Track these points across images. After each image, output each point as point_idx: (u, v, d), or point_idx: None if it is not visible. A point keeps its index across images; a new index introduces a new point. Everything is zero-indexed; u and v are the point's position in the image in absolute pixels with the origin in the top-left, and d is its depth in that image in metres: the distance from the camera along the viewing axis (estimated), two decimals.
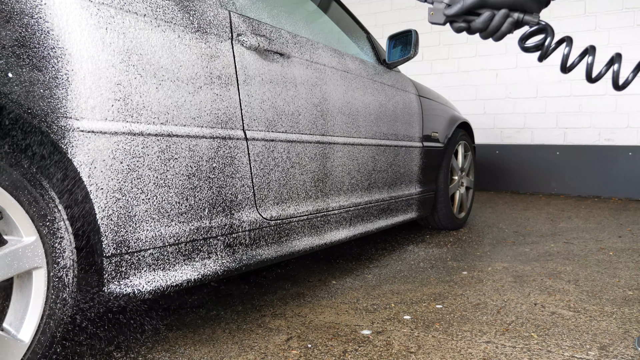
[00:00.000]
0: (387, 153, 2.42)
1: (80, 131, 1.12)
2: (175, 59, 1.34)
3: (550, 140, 5.38)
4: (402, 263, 2.43)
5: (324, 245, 1.94)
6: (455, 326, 1.60)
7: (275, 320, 1.67)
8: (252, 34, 1.60)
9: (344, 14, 2.46)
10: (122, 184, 1.21)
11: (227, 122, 1.50)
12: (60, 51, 1.08)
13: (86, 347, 1.46)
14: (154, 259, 1.29)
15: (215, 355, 1.40)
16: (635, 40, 4.94)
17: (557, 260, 2.46)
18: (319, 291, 1.99)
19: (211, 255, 1.45)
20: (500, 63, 5.58)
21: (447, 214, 3.12)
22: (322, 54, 1.98)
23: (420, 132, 2.79)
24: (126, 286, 1.22)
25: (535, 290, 1.97)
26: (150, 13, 1.30)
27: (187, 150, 1.37)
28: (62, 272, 1.10)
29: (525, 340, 1.47)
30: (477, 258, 2.52)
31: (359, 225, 2.21)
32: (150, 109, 1.27)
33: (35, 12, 1.05)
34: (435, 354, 1.39)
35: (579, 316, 1.67)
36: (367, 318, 1.68)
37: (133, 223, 1.24)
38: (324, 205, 1.95)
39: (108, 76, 1.18)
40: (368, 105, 2.25)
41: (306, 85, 1.84)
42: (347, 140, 2.09)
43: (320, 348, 1.44)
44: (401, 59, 2.55)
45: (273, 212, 1.68)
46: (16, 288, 1.05)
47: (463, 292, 1.95)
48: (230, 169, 1.51)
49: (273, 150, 1.67)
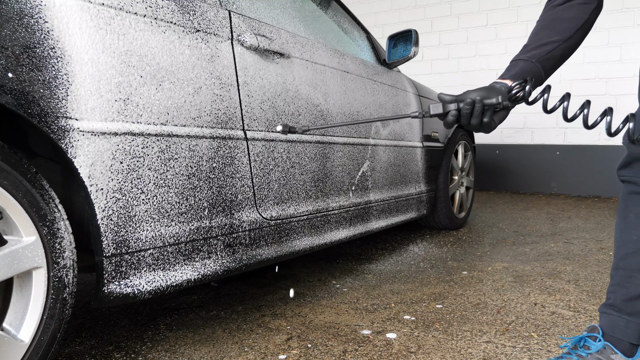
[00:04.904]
0: (387, 153, 2.42)
1: (81, 131, 1.12)
2: (175, 59, 1.34)
3: (550, 140, 5.38)
4: (402, 263, 2.44)
5: (324, 245, 1.94)
6: (455, 326, 1.60)
7: (275, 320, 1.67)
8: (252, 34, 1.60)
9: (344, 14, 2.46)
10: (122, 184, 1.21)
11: (227, 122, 1.50)
12: (60, 52, 1.09)
13: (86, 347, 1.46)
14: (154, 259, 1.29)
15: (215, 355, 1.40)
16: (635, 40, 4.94)
17: (557, 260, 2.46)
18: (319, 291, 1.99)
19: (211, 255, 1.45)
20: (501, 63, 5.58)
21: (447, 213, 3.12)
22: (322, 54, 1.98)
23: (420, 132, 2.79)
24: (126, 286, 1.22)
25: (535, 290, 1.97)
26: (150, 13, 1.30)
27: (187, 151, 1.37)
28: (62, 272, 1.10)
29: (525, 340, 1.47)
30: (477, 258, 2.52)
31: (359, 225, 2.21)
32: (151, 109, 1.27)
33: (35, 13, 1.05)
34: (435, 354, 1.39)
35: (579, 316, 1.67)
36: (367, 318, 1.68)
37: (133, 223, 1.24)
38: (324, 205, 1.95)
39: (108, 77, 1.18)
40: (368, 105, 2.25)
41: (306, 85, 1.84)
42: (347, 141, 2.09)
43: (320, 348, 1.44)
44: (401, 58, 2.55)
45: (273, 212, 1.68)
46: (16, 288, 1.05)
47: (463, 292, 1.96)
48: (230, 169, 1.51)
49: (273, 150, 1.67)
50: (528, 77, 1.11)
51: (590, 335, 1.22)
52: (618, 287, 1.21)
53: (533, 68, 1.14)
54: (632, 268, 1.19)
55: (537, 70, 1.13)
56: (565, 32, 1.16)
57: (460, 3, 5.89)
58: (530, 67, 1.14)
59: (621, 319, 1.19)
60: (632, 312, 1.18)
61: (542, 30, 1.19)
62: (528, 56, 1.15)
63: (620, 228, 1.23)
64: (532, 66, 1.14)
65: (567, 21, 1.17)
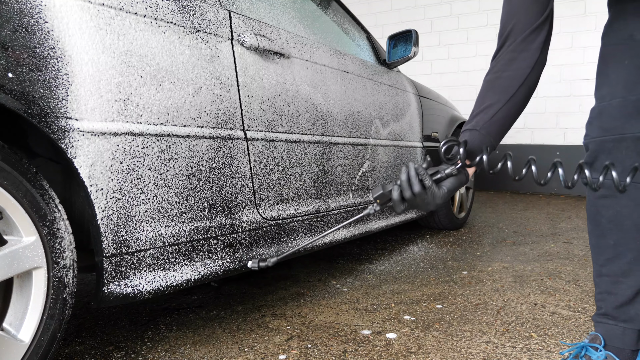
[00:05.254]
0: (388, 153, 2.42)
1: (81, 132, 1.12)
2: (175, 59, 1.34)
3: (550, 140, 5.38)
4: (402, 263, 2.44)
5: (324, 245, 1.94)
6: (455, 326, 1.60)
7: (275, 320, 1.67)
8: (252, 34, 1.60)
9: (344, 14, 2.47)
10: (122, 184, 1.21)
11: (227, 122, 1.50)
12: (60, 52, 1.09)
13: (86, 347, 1.46)
14: (154, 259, 1.29)
15: (215, 355, 1.40)
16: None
17: (557, 260, 2.46)
18: (319, 291, 1.99)
19: (211, 255, 1.45)
20: None
21: (447, 214, 3.12)
22: (322, 54, 1.98)
23: (420, 132, 2.79)
24: (126, 286, 1.22)
25: (535, 290, 1.97)
26: (150, 14, 1.30)
27: (187, 151, 1.37)
28: (62, 272, 1.10)
29: (525, 340, 1.47)
30: (477, 258, 2.52)
31: (359, 225, 2.21)
32: (151, 109, 1.27)
33: (35, 13, 1.05)
34: (435, 354, 1.39)
35: (579, 316, 1.67)
36: (367, 318, 1.68)
37: (133, 223, 1.24)
38: (324, 205, 1.95)
39: (108, 77, 1.18)
40: (368, 106, 2.25)
41: (306, 86, 1.84)
42: (347, 141, 2.09)
43: (320, 348, 1.44)
44: (401, 58, 2.55)
45: (273, 212, 1.68)
46: (16, 288, 1.05)
47: (463, 292, 1.96)
48: (230, 169, 1.51)
49: (273, 151, 1.67)
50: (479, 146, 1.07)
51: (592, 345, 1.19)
52: (607, 294, 1.19)
53: (479, 136, 1.09)
54: (616, 273, 1.17)
55: (483, 137, 1.09)
56: (507, 91, 1.11)
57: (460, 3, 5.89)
58: (476, 136, 1.09)
59: (617, 327, 1.17)
60: (626, 318, 1.16)
61: (485, 91, 1.14)
62: (473, 124, 1.11)
63: (595, 234, 1.20)
64: (477, 135, 1.09)
65: (508, 79, 1.11)
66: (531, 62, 1.10)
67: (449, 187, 1.08)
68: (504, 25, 1.13)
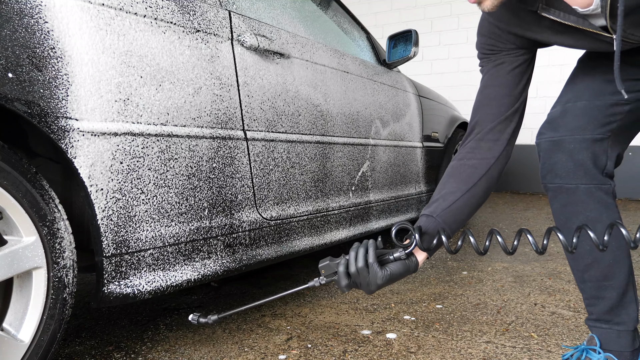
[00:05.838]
0: (387, 153, 2.42)
1: (81, 132, 1.12)
2: (175, 59, 1.34)
3: None
4: None
5: (324, 245, 1.94)
6: (455, 326, 1.60)
7: (275, 320, 1.67)
8: (252, 34, 1.60)
9: (344, 14, 2.47)
10: (122, 185, 1.21)
11: (227, 122, 1.50)
12: (60, 52, 1.09)
13: (86, 347, 1.46)
14: (154, 259, 1.29)
15: (215, 355, 1.40)
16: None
17: (557, 260, 2.46)
18: (318, 291, 1.99)
19: (211, 255, 1.45)
20: None
21: None
22: (322, 54, 1.98)
23: (420, 132, 2.79)
24: (126, 286, 1.22)
25: (535, 290, 1.97)
26: (150, 14, 1.30)
27: (187, 151, 1.37)
28: (62, 272, 1.10)
29: (525, 340, 1.47)
30: (477, 258, 2.52)
31: (359, 225, 2.21)
32: (151, 109, 1.27)
33: (35, 13, 1.05)
34: (435, 354, 1.39)
35: (579, 316, 1.67)
36: (367, 318, 1.68)
37: (133, 223, 1.24)
38: (324, 205, 1.95)
39: (108, 77, 1.18)
40: (368, 106, 2.25)
41: (306, 86, 1.84)
42: (347, 141, 2.09)
43: (320, 348, 1.44)
44: (401, 59, 2.55)
45: (273, 212, 1.68)
46: (16, 288, 1.05)
47: (463, 292, 1.96)
48: (230, 169, 1.51)
49: (273, 151, 1.68)
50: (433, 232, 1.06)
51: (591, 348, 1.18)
52: (594, 300, 1.18)
53: (434, 223, 1.08)
54: (599, 278, 1.15)
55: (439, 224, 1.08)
56: (468, 181, 1.09)
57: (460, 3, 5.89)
58: (431, 223, 1.08)
59: (612, 331, 1.16)
60: (619, 321, 1.16)
61: (448, 177, 1.13)
62: (430, 210, 1.10)
63: None
64: (433, 221, 1.08)
65: (471, 167, 1.10)
66: (496, 152, 1.09)
67: (392, 270, 1.04)
68: (474, 112, 1.12)
